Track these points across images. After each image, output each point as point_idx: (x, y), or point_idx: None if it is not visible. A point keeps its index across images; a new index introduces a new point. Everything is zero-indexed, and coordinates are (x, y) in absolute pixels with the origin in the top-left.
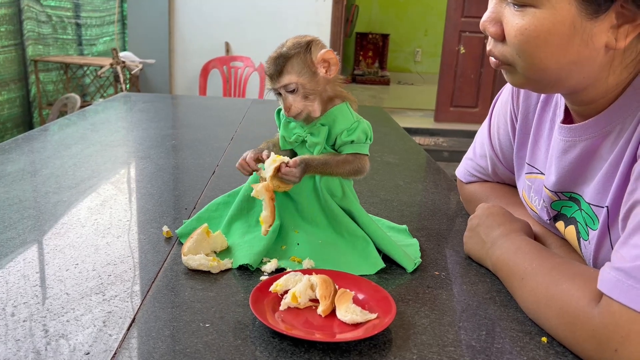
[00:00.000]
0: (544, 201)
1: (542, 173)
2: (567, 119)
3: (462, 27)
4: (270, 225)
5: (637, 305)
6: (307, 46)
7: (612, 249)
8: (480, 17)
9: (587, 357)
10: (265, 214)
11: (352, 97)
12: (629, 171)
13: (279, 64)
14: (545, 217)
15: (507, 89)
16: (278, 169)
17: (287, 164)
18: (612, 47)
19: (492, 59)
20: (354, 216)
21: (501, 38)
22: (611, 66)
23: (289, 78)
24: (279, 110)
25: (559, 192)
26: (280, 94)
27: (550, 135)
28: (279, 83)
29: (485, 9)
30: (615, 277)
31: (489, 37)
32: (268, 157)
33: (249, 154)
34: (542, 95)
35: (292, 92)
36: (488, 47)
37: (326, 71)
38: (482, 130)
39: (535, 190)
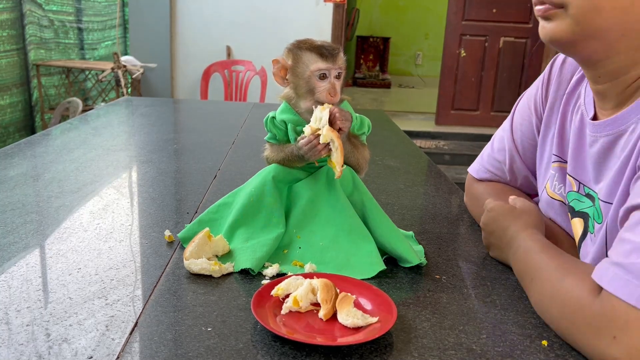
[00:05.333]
0: (567, 188)
1: (566, 161)
2: (595, 115)
3: (463, 31)
4: (342, 166)
5: (633, 299)
6: None
7: (607, 246)
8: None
9: (587, 346)
10: (336, 155)
11: (347, 97)
12: (633, 171)
13: (335, 47)
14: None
15: (535, 84)
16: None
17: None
18: None
19: (538, 7)
20: (365, 206)
21: None
22: None
23: (342, 62)
24: (273, 118)
25: (581, 184)
26: (323, 79)
27: (580, 127)
28: (337, 63)
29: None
30: (613, 273)
31: None
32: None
33: (306, 138)
34: (570, 86)
35: (338, 78)
36: None
37: None
38: (502, 127)
39: (558, 178)
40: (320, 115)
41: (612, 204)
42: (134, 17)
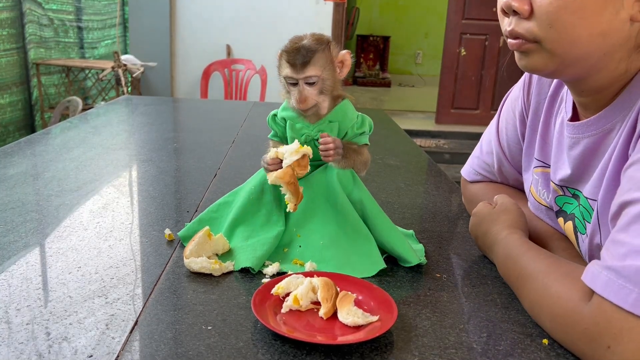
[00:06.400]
0: (551, 194)
1: (548, 165)
2: (575, 116)
3: (463, 29)
4: (297, 203)
5: (627, 304)
6: (329, 44)
7: (602, 242)
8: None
9: (582, 356)
10: (288, 196)
11: (349, 95)
12: (619, 167)
13: (306, 55)
14: (555, 208)
15: (517, 86)
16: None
17: (321, 143)
18: (636, 19)
19: (511, 41)
20: (364, 205)
21: (529, 13)
22: (627, 46)
23: (314, 70)
24: (274, 116)
25: (564, 187)
26: (294, 85)
27: (560, 130)
28: (303, 74)
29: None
30: (606, 277)
31: (509, 18)
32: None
33: (267, 158)
34: (550, 90)
35: (311, 84)
36: (508, 28)
37: (339, 71)
38: (490, 128)
39: (542, 183)
40: (290, 156)
41: (596, 200)
42: (134, 16)
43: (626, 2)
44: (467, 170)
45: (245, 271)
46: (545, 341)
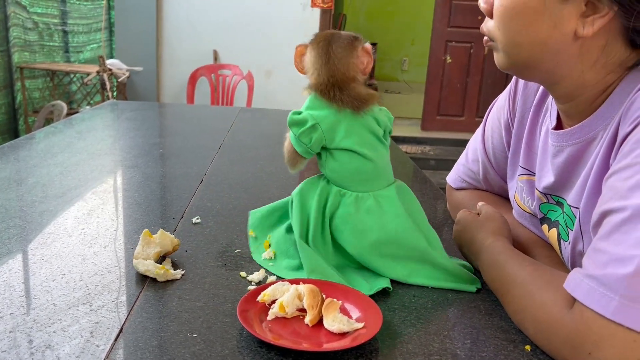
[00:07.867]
0: (536, 202)
1: (533, 174)
2: (559, 125)
3: (449, 37)
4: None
5: (608, 312)
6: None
7: (584, 250)
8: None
9: None
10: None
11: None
12: (600, 176)
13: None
14: (540, 215)
15: (503, 95)
16: None
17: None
18: (580, 35)
19: (484, 38)
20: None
21: (490, 14)
22: (584, 59)
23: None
24: None
25: (548, 194)
26: None
27: (545, 139)
28: None
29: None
30: (588, 285)
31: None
32: None
33: None
34: (536, 100)
35: None
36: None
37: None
38: (475, 136)
39: (527, 191)
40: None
41: (579, 208)
42: (119, 20)
43: (566, 16)
44: (453, 178)
45: (231, 279)
46: (527, 347)
